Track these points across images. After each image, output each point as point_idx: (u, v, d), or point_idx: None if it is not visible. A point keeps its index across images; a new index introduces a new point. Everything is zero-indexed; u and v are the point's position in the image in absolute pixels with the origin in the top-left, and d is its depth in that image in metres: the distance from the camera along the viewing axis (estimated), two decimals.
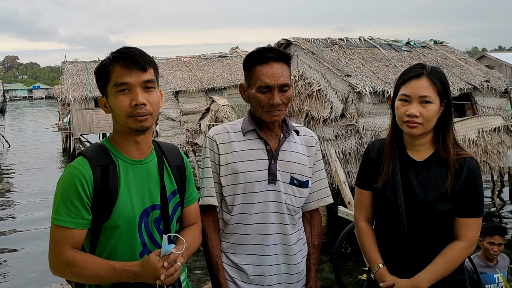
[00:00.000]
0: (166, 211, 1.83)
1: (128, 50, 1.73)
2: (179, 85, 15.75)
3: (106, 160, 1.73)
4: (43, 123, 37.34)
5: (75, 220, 1.66)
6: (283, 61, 2.03)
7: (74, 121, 21.06)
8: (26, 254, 9.55)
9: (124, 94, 1.70)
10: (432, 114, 1.97)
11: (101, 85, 1.76)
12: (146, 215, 1.77)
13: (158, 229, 1.81)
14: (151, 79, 1.73)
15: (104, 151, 1.76)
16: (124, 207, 1.71)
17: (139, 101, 1.68)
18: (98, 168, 1.70)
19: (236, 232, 2.08)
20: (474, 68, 10.24)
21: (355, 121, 8.47)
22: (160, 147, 1.92)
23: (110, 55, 1.74)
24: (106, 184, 1.69)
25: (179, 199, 1.90)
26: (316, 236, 2.23)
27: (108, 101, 1.75)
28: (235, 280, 2.09)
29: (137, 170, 1.78)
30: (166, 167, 1.88)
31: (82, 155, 1.74)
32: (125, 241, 1.73)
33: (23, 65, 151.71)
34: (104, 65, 1.73)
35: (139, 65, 1.70)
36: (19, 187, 16.26)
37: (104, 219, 1.70)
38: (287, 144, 2.11)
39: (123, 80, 1.69)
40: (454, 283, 2.05)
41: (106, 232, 1.72)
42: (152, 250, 1.76)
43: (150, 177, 1.81)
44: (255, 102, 2.04)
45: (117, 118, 1.74)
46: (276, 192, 2.06)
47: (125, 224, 1.72)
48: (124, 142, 1.78)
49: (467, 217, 2.00)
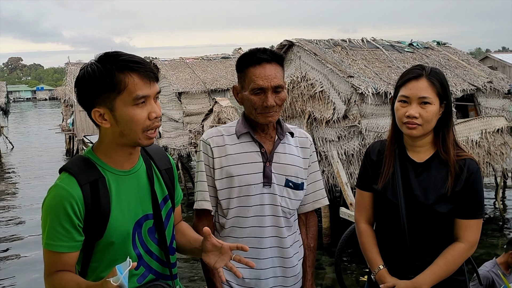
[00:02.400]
0: (159, 220, 1.74)
1: (136, 58, 1.59)
2: (182, 86, 15.75)
3: (94, 176, 1.60)
4: (46, 124, 37.42)
5: (67, 243, 1.57)
6: (276, 62, 2.01)
7: (78, 122, 21.11)
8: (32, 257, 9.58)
9: (141, 107, 1.57)
10: (432, 115, 1.97)
11: (98, 96, 1.56)
12: (139, 227, 1.69)
13: (154, 238, 1.74)
14: (160, 89, 1.65)
15: (90, 165, 1.63)
16: (117, 222, 1.62)
17: (159, 114, 1.60)
18: (87, 185, 1.57)
19: (232, 236, 2.07)
20: (477, 69, 10.22)
21: (357, 122, 8.46)
22: (146, 151, 1.80)
23: (114, 63, 1.55)
24: (97, 201, 1.58)
25: (171, 204, 1.82)
26: (312, 238, 2.21)
27: (115, 114, 1.57)
28: (231, 283, 2.08)
29: (127, 181, 1.67)
30: (155, 172, 1.79)
31: (66, 171, 1.61)
32: (119, 256, 1.64)
33: (26, 67, 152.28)
34: (108, 74, 1.54)
35: (153, 75, 1.61)
36: (22, 189, 16.32)
37: (98, 237, 1.61)
38: (281, 146, 2.10)
39: (143, 93, 1.56)
40: (454, 284, 2.05)
41: (100, 249, 1.64)
42: (148, 261, 1.72)
43: (140, 186, 1.71)
44: (248, 104, 2.02)
45: (127, 132, 1.59)
46: (271, 195, 2.05)
47: (118, 239, 1.63)
48: (116, 154, 1.65)
49: (467, 218, 2.00)
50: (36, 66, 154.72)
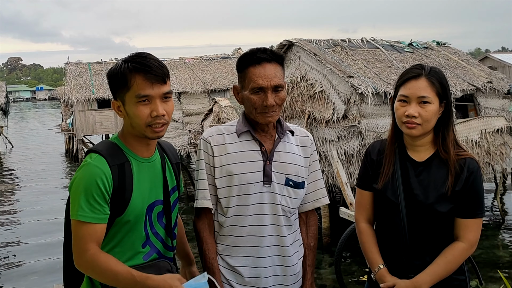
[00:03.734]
0: (168, 206, 1.94)
1: (148, 61, 1.77)
2: (181, 87, 15.77)
3: (121, 159, 1.81)
4: (46, 124, 37.46)
5: (98, 215, 1.73)
6: (276, 62, 2.02)
7: (77, 122, 21.10)
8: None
9: (144, 105, 1.77)
10: (431, 115, 1.97)
11: (116, 90, 1.81)
12: (150, 210, 1.88)
13: (161, 222, 1.94)
14: (169, 90, 1.83)
15: (118, 150, 1.83)
16: (136, 203, 1.81)
17: (159, 113, 1.77)
18: (115, 167, 1.78)
19: (232, 234, 2.07)
20: (476, 69, 10.22)
21: (357, 122, 8.46)
22: (161, 145, 2.02)
23: (128, 63, 1.77)
24: (123, 182, 1.78)
25: (178, 194, 2.03)
26: (312, 237, 2.21)
27: (126, 107, 1.80)
28: (231, 282, 2.08)
29: (146, 168, 1.88)
30: (168, 164, 2.00)
31: (97, 152, 1.79)
32: (131, 234, 1.84)
33: (26, 67, 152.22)
34: (122, 72, 1.77)
35: (160, 78, 1.77)
36: (22, 189, 16.31)
37: (118, 214, 1.79)
38: (282, 145, 2.10)
39: (145, 92, 1.75)
40: (454, 284, 2.05)
41: (117, 226, 1.82)
42: (153, 242, 1.91)
43: (155, 174, 1.91)
44: (248, 104, 2.03)
45: (134, 125, 1.81)
46: (271, 193, 2.05)
47: (134, 219, 1.82)
48: (136, 143, 1.86)
49: (467, 217, 2.00)
50: (36, 66, 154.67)
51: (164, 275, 1.75)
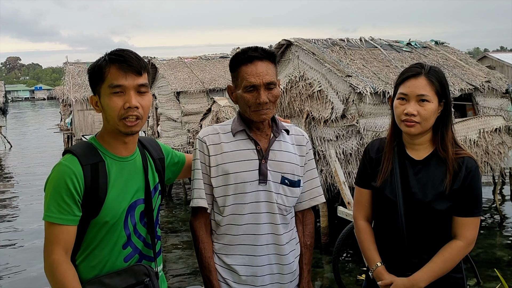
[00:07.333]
0: (149, 205, 1.91)
1: (124, 53, 1.77)
2: (180, 86, 15.73)
3: (95, 159, 1.77)
4: (45, 124, 37.42)
5: (66, 216, 1.69)
6: (268, 60, 2.03)
7: (76, 122, 21.09)
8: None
9: (117, 96, 1.75)
10: (430, 113, 1.97)
11: (94, 84, 1.80)
12: (132, 209, 1.85)
13: (142, 221, 1.90)
14: (145, 83, 1.80)
15: (93, 150, 1.80)
16: (113, 204, 1.77)
17: (132, 104, 1.74)
18: (88, 166, 1.74)
19: (228, 233, 2.07)
20: (475, 68, 10.22)
21: (355, 121, 8.46)
22: (142, 142, 2.00)
23: (105, 56, 1.79)
24: (96, 182, 1.74)
25: (160, 187, 2.01)
26: (308, 236, 2.21)
27: (101, 100, 1.79)
28: (228, 281, 2.08)
29: (124, 167, 1.85)
30: (149, 161, 1.97)
31: (70, 152, 1.77)
32: (111, 235, 1.80)
33: (25, 66, 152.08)
34: (99, 65, 1.77)
35: (134, 69, 1.75)
36: (20, 188, 16.29)
37: (93, 215, 1.75)
38: (277, 143, 2.11)
39: (118, 82, 1.74)
40: (451, 282, 2.06)
41: (95, 228, 1.78)
42: (135, 242, 1.87)
43: (136, 173, 1.88)
44: (242, 103, 2.04)
45: (108, 118, 1.79)
46: (267, 192, 2.05)
47: (113, 219, 1.78)
48: (113, 141, 1.84)
49: (465, 216, 2.01)
50: (34, 66, 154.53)
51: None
